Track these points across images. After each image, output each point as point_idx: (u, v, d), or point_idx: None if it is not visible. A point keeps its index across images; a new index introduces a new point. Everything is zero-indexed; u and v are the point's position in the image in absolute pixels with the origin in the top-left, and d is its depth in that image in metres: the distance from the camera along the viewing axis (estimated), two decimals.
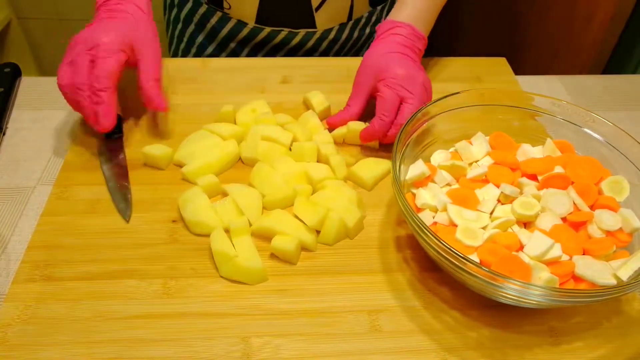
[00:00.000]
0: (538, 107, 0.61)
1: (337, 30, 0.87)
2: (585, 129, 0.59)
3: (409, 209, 0.48)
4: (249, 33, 0.84)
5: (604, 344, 0.49)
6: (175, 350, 0.47)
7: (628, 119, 0.76)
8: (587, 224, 0.51)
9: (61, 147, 0.66)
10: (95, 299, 0.50)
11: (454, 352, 0.48)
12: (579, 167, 0.55)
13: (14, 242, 0.55)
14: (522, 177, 0.56)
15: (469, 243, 0.49)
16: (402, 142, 0.54)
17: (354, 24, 0.88)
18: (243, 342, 0.47)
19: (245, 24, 0.83)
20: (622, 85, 0.83)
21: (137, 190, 0.60)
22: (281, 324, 0.49)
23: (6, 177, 0.62)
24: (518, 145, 0.60)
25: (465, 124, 0.61)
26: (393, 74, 0.64)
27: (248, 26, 0.83)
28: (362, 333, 0.48)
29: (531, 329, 0.50)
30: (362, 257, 0.55)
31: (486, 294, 0.48)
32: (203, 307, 0.50)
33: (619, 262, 0.48)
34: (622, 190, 0.53)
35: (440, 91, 0.61)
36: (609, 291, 0.43)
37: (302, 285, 0.52)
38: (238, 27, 0.83)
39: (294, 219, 0.56)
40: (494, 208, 0.53)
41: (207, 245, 0.54)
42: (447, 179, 0.56)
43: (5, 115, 0.70)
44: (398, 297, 0.52)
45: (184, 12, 0.87)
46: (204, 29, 0.86)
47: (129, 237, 0.55)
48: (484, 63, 0.83)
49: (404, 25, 0.68)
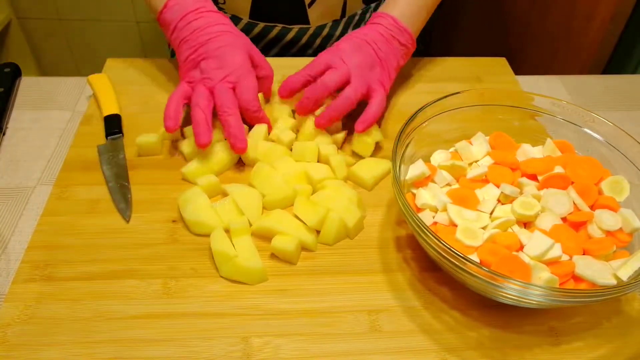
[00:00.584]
0: (538, 107, 0.61)
1: (330, 26, 0.87)
2: (585, 129, 0.59)
3: (409, 209, 0.48)
4: (243, 28, 0.85)
5: (604, 344, 0.49)
6: (175, 350, 0.47)
7: (628, 119, 0.76)
8: (587, 224, 0.51)
9: (61, 147, 0.66)
10: (95, 299, 0.50)
11: (454, 352, 0.48)
12: (579, 167, 0.55)
13: (14, 242, 0.55)
14: (522, 177, 0.56)
15: (469, 243, 0.49)
16: (402, 142, 0.54)
17: (348, 21, 0.89)
18: (243, 342, 0.47)
19: (240, 19, 0.84)
20: (622, 85, 0.83)
21: (137, 190, 0.60)
22: (281, 324, 0.49)
23: (6, 177, 0.62)
24: (518, 145, 0.60)
25: (465, 124, 0.61)
26: (337, 45, 0.66)
27: (242, 21, 0.84)
28: (362, 333, 0.48)
29: (531, 329, 0.50)
30: (362, 257, 0.55)
31: (486, 294, 0.48)
32: (203, 307, 0.50)
33: (619, 262, 0.48)
34: (622, 190, 0.53)
35: (440, 91, 0.61)
36: (609, 291, 0.43)
37: (302, 285, 0.52)
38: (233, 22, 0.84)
39: (294, 219, 0.56)
40: (494, 208, 0.53)
41: (207, 245, 0.54)
42: (447, 179, 0.56)
43: (5, 115, 0.70)
44: (398, 297, 0.52)
45: None
46: None
47: (129, 237, 0.55)
48: (484, 63, 0.83)
49: (386, 16, 0.68)
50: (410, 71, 0.80)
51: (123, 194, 0.59)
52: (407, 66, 0.80)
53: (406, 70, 0.80)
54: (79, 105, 0.73)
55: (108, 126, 0.67)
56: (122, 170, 0.62)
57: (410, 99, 0.75)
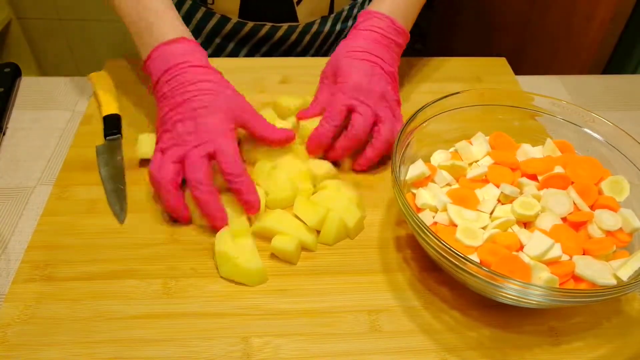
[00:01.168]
0: (538, 107, 0.61)
1: (319, 23, 0.87)
2: (585, 129, 0.59)
3: (409, 209, 0.48)
4: (232, 28, 0.85)
5: (604, 344, 0.49)
6: (175, 350, 0.47)
7: (628, 119, 0.76)
8: (587, 224, 0.51)
9: (61, 147, 0.66)
10: (95, 299, 0.50)
11: (454, 352, 0.48)
12: (579, 167, 0.55)
13: (14, 242, 0.55)
14: (522, 177, 0.56)
15: (469, 243, 0.49)
16: (402, 142, 0.54)
17: (336, 17, 0.89)
18: (243, 342, 0.47)
19: (229, 19, 0.84)
20: (622, 85, 0.83)
21: (136, 190, 0.60)
22: (281, 324, 0.49)
23: (6, 177, 0.62)
24: (518, 145, 0.60)
25: (465, 124, 0.61)
26: (347, 79, 0.61)
27: (232, 21, 0.84)
28: (362, 333, 0.48)
29: (531, 329, 0.50)
30: (362, 257, 0.55)
31: (486, 294, 0.48)
32: (203, 307, 0.50)
33: (619, 262, 0.48)
34: (622, 190, 0.53)
35: (440, 91, 0.61)
36: (609, 291, 0.43)
37: (302, 285, 0.52)
38: (222, 22, 0.84)
39: (294, 219, 0.56)
40: (494, 208, 0.53)
41: (207, 245, 0.55)
42: (447, 179, 0.56)
43: (5, 115, 0.70)
44: (398, 297, 0.52)
45: None
46: (190, 24, 0.87)
47: (128, 237, 0.55)
48: (484, 63, 0.83)
49: (383, 18, 0.64)
50: (410, 71, 0.80)
51: (118, 197, 0.59)
52: (407, 66, 0.80)
53: (406, 70, 0.80)
54: (79, 105, 0.73)
55: (107, 126, 0.67)
56: (119, 171, 0.62)
57: (411, 99, 0.75)
